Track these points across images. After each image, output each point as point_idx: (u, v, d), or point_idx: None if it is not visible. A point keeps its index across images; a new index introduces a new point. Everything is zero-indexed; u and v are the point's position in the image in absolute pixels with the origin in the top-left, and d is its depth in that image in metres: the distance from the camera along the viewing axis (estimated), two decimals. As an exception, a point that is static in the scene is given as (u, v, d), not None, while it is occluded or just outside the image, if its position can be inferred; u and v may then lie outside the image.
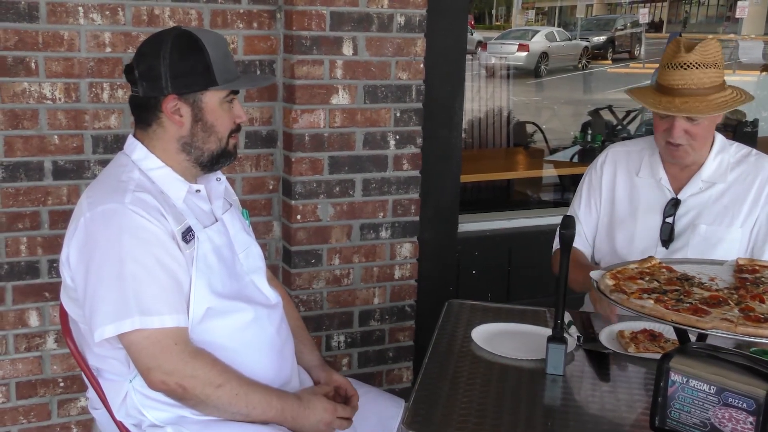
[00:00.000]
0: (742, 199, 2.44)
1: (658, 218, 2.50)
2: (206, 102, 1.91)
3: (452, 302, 2.40)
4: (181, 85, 1.88)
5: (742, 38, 9.38)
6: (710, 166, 2.46)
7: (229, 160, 2.02)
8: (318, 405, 1.95)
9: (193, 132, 1.93)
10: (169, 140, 1.93)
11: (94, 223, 1.82)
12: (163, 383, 1.80)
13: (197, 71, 1.88)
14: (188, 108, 1.90)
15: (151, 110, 1.91)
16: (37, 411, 3.03)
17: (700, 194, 2.47)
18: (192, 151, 1.94)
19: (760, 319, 1.63)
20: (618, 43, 20.77)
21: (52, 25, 2.76)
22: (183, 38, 1.89)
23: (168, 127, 1.92)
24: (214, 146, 1.95)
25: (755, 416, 1.48)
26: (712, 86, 2.30)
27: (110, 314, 1.77)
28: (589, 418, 1.76)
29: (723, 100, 2.30)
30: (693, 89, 2.29)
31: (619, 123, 6.54)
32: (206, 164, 1.98)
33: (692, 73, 2.28)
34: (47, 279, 2.93)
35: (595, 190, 2.64)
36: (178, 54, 1.87)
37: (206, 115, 1.92)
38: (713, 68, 2.30)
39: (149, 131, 1.94)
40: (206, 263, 1.91)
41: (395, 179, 3.25)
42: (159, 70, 1.86)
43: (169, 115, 1.90)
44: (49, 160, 2.86)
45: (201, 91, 1.90)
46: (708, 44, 2.30)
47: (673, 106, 2.28)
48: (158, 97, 1.89)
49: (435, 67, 3.28)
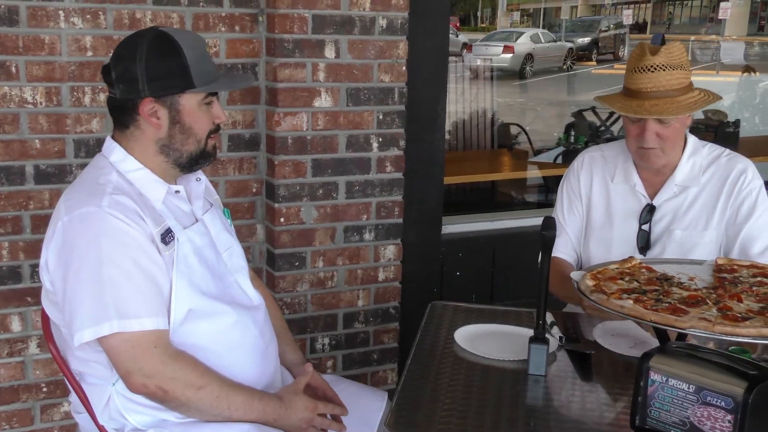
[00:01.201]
0: (714, 202, 2.44)
1: (634, 225, 2.49)
2: (183, 104, 1.91)
3: (435, 304, 2.41)
4: (157, 87, 1.87)
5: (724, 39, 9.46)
6: (683, 169, 2.46)
7: (208, 161, 2.01)
8: (299, 404, 1.95)
9: (170, 134, 1.92)
10: (147, 142, 1.93)
11: (72, 227, 1.81)
12: (143, 386, 1.79)
13: (174, 74, 1.87)
14: (165, 110, 1.90)
15: (129, 112, 1.91)
16: (19, 416, 3.01)
17: (675, 199, 2.46)
18: (170, 153, 1.94)
19: (738, 319, 1.65)
20: (602, 44, 20.89)
21: (33, 29, 2.75)
22: (159, 40, 1.88)
23: (145, 129, 1.92)
24: (192, 147, 1.95)
25: (733, 414, 1.49)
26: (680, 87, 2.31)
27: (88, 318, 1.77)
28: (570, 418, 1.77)
29: (692, 101, 2.31)
30: (662, 91, 2.30)
31: (602, 124, 6.57)
32: (185, 165, 1.97)
33: (659, 75, 2.29)
34: (29, 284, 2.92)
35: (575, 194, 2.63)
36: (154, 56, 1.86)
37: (184, 118, 1.91)
38: (679, 69, 2.31)
39: (127, 133, 1.94)
40: (187, 264, 1.90)
41: (378, 181, 3.26)
42: (135, 73, 1.85)
43: (146, 117, 1.89)
44: (31, 165, 2.84)
45: (178, 94, 1.89)
46: (672, 46, 2.32)
47: (643, 109, 2.29)
48: (135, 100, 1.88)
49: (417, 70, 3.29)
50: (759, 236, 2.39)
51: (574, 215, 2.62)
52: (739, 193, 2.42)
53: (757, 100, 8.20)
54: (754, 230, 2.40)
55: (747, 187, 2.42)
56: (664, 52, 2.30)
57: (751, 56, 12.30)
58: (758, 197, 2.42)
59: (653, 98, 2.30)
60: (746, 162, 2.47)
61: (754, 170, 2.46)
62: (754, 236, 2.39)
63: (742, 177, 2.43)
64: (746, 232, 2.40)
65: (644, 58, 2.31)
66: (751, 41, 15.64)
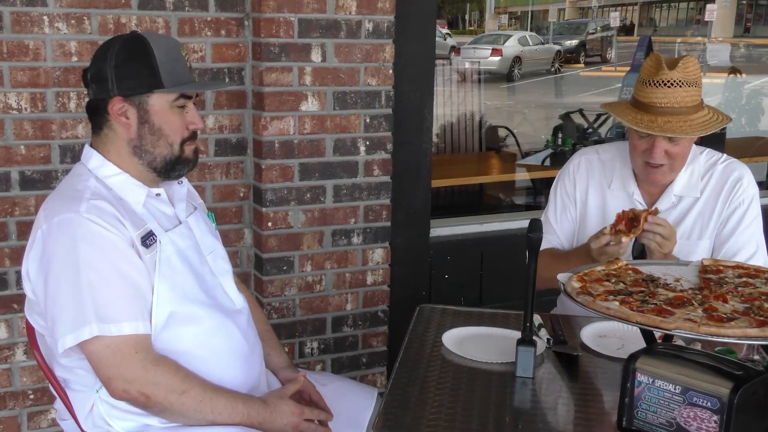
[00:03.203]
0: (711, 210, 2.43)
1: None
2: (152, 104, 1.91)
3: (423, 307, 2.40)
4: (125, 87, 1.88)
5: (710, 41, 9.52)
6: (681, 178, 2.43)
7: (188, 167, 2.00)
8: (284, 408, 1.95)
9: (140, 134, 1.92)
10: (120, 144, 1.93)
11: (50, 235, 1.81)
12: (125, 392, 1.79)
13: (142, 73, 1.88)
14: (134, 110, 1.90)
15: (101, 113, 1.92)
16: (6, 424, 3.00)
17: (673, 209, 2.44)
18: (143, 156, 1.94)
19: (723, 319, 1.65)
20: (590, 46, 21.00)
21: (17, 34, 2.73)
22: (131, 41, 1.90)
23: (117, 130, 1.92)
24: (165, 151, 1.94)
25: (719, 415, 1.49)
26: (693, 105, 2.25)
27: (69, 323, 1.77)
28: (557, 419, 1.78)
29: (704, 120, 2.26)
30: (675, 108, 2.23)
31: (590, 126, 6.60)
32: (161, 170, 1.96)
33: (675, 92, 2.22)
34: (15, 291, 2.90)
35: (569, 198, 2.59)
36: (124, 56, 1.88)
37: (152, 118, 1.91)
38: (694, 86, 2.25)
39: (102, 135, 1.95)
40: (170, 266, 1.90)
41: (366, 185, 3.26)
42: (106, 73, 1.88)
43: (115, 116, 1.90)
44: (16, 171, 2.83)
45: (146, 94, 1.90)
46: (689, 61, 2.25)
47: (655, 125, 2.22)
48: (105, 99, 1.90)
49: (404, 73, 3.29)
50: (742, 249, 2.39)
51: (566, 218, 2.59)
52: (732, 202, 2.41)
53: (743, 101, 8.25)
54: (739, 242, 2.40)
55: (740, 197, 2.41)
56: (681, 66, 2.23)
57: (737, 58, 12.37)
58: (749, 207, 2.41)
59: (666, 114, 2.23)
60: (743, 169, 2.45)
61: (750, 178, 2.45)
62: (738, 248, 2.39)
63: (738, 185, 2.41)
64: (731, 244, 2.40)
65: (660, 72, 2.24)
66: (737, 43, 15.74)
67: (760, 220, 2.45)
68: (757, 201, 2.44)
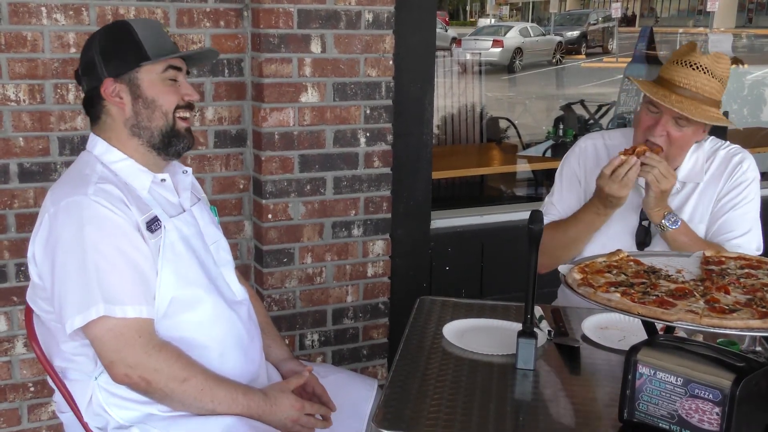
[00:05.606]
0: (711, 195, 2.44)
1: (634, 220, 2.47)
2: (142, 78, 1.93)
3: (423, 299, 2.39)
4: (113, 66, 1.91)
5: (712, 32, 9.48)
6: (686, 165, 2.45)
7: (183, 143, 2.00)
8: (285, 402, 1.94)
9: (135, 111, 1.94)
10: (119, 128, 1.95)
11: (57, 218, 1.82)
12: (126, 376, 1.79)
13: (128, 51, 1.91)
14: (126, 87, 1.93)
15: (96, 101, 1.95)
16: (6, 416, 2.99)
17: (676, 195, 2.45)
18: (142, 134, 1.95)
19: (725, 311, 1.64)
20: (591, 37, 20.95)
21: (15, 25, 2.72)
22: (112, 26, 1.97)
23: (114, 113, 1.95)
24: (161, 122, 1.96)
25: (721, 407, 1.48)
26: (710, 98, 2.28)
27: (76, 304, 1.78)
28: (558, 412, 1.77)
29: (714, 115, 2.28)
30: (693, 92, 2.27)
31: (591, 117, 6.57)
32: (159, 146, 1.97)
33: (698, 76, 2.26)
34: (15, 283, 2.90)
35: (576, 177, 2.58)
36: (107, 39, 1.93)
37: (145, 91, 1.93)
38: (718, 82, 2.28)
39: (101, 123, 1.97)
40: (174, 252, 1.91)
41: (366, 177, 3.24)
42: (93, 60, 1.92)
43: (110, 99, 1.92)
44: (15, 163, 2.82)
45: (135, 69, 1.92)
46: (722, 58, 2.29)
47: (667, 99, 2.25)
48: (97, 86, 1.92)
49: (404, 64, 3.27)
50: (735, 227, 2.40)
51: (572, 196, 2.57)
52: (730, 182, 2.43)
53: (745, 92, 8.21)
54: (732, 220, 2.41)
55: (739, 178, 2.43)
56: (713, 57, 2.28)
57: (739, 48, 12.33)
58: (746, 189, 2.42)
59: (682, 95, 2.27)
60: (744, 153, 2.48)
61: (752, 162, 2.46)
62: (731, 227, 2.40)
63: (738, 167, 2.44)
64: (723, 221, 2.41)
65: (692, 54, 2.28)
66: (740, 33, 15.68)
67: (757, 204, 2.46)
68: (756, 185, 2.45)
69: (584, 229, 2.45)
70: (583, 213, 2.45)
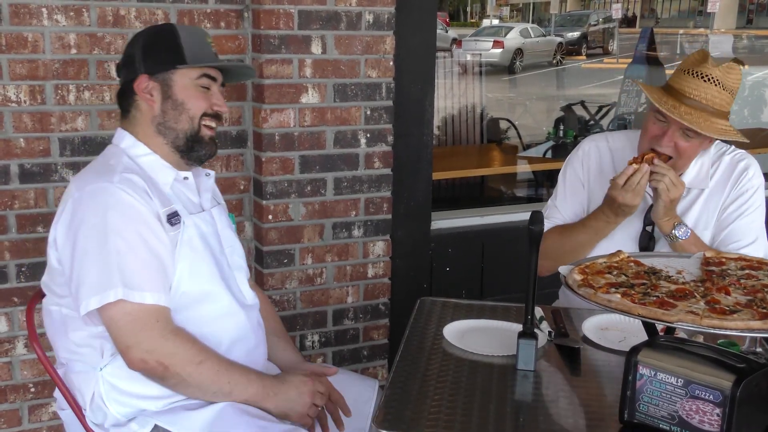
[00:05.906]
0: (718, 200, 2.42)
1: (637, 225, 2.45)
2: (176, 80, 1.97)
3: (424, 300, 2.39)
4: (150, 63, 1.96)
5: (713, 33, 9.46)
6: (691, 171, 2.42)
7: (205, 149, 2.04)
8: (294, 379, 1.98)
9: (163, 110, 1.98)
10: (146, 124, 1.99)
11: (81, 202, 1.85)
12: (142, 361, 1.80)
13: (168, 51, 1.96)
14: (158, 86, 1.97)
15: (128, 94, 2.00)
16: (7, 417, 2.99)
17: (681, 200, 2.41)
18: (167, 133, 1.99)
19: (725, 312, 1.64)
20: (591, 38, 20.92)
21: (15, 26, 2.72)
22: (160, 27, 2.04)
23: (143, 109, 1.99)
24: (186, 126, 1.99)
25: (722, 408, 1.48)
26: (719, 110, 2.24)
27: (95, 286, 1.79)
28: (559, 413, 1.76)
29: (724, 128, 2.24)
30: (702, 104, 2.22)
31: (591, 118, 6.57)
32: (183, 149, 2.00)
33: (708, 87, 2.22)
34: (16, 284, 2.90)
35: (579, 181, 2.56)
36: (150, 38, 1.99)
37: (176, 93, 1.97)
38: (728, 93, 2.24)
39: (129, 117, 2.01)
40: (191, 247, 1.94)
41: (367, 177, 3.25)
42: (134, 55, 1.97)
43: (141, 94, 1.97)
44: (15, 164, 2.82)
45: (170, 70, 1.96)
46: (733, 69, 2.25)
47: (676, 111, 2.21)
48: (132, 80, 1.96)
49: (405, 65, 3.28)
50: (742, 237, 2.38)
51: (576, 200, 2.55)
52: (736, 189, 2.40)
53: (746, 92, 8.21)
54: (739, 229, 2.39)
55: (745, 185, 2.40)
56: (724, 68, 2.23)
57: (740, 49, 12.32)
58: (752, 197, 2.40)
59: (690, 106, 2.23)
60: (750, 159, 2.45)
61: (757, 168, 2.44)
62: (737, 236, 2.38)
63: (744, 174, 2.41)
64: (730, 230, 2.39)
65: (703, 65, 2.24)
66: (740, 34, 15.67)
67: (762, 211, 2.44)
68: (761, 192, 2.43)
69: (592, 236, 2.43)
70: (592, 220, 2.43)
